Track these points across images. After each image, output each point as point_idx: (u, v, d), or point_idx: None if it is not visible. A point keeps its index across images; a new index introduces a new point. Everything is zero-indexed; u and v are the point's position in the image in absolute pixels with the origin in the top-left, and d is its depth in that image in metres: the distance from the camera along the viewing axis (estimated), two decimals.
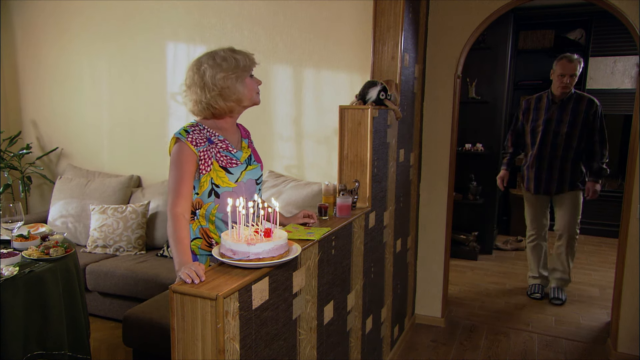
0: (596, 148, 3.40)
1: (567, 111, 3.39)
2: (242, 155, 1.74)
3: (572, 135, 3.39)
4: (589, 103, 3.38)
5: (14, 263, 2.06)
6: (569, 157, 3.43)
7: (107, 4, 3.69)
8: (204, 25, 3.43)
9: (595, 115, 3.37)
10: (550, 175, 3.49)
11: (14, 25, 4.01)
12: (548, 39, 5.47)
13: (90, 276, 3.15)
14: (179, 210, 1.55)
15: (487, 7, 2.84)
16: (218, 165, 1.66)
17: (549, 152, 3.47)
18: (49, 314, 2.06)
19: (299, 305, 1.64)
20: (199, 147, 1.64)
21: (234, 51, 1.70)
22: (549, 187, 3.51)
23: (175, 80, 3.60)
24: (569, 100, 3.41)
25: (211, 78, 1.65)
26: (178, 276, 1.37)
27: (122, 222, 3.39)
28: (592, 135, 3.39)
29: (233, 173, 1.69)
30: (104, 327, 3.15)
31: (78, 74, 3.90)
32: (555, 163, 3.46)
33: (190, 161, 1.62)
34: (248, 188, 1.75)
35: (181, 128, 1.67)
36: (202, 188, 1.67)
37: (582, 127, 3.37)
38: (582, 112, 3.36)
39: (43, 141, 4.13)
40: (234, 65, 1.66)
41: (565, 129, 3.39)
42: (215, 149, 1.67)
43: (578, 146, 3.41)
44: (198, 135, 1.66)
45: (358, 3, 2.99)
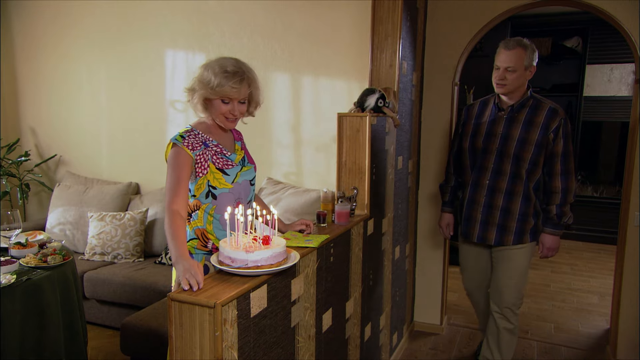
0: (556, 182, 2.29)
1: (518, 123, 2.30)
2: (236, 157, 1.78)
3: (522, 158, 2.28)
4: (550, 114, 2.27)
5: (12, 271, 2.06)
6: (517, 191, 2.32)
7: (106, 11, 3.71)
8: (202, 34, 3.44)
9: (559, 131, 2.25)
10: (488, 217, 2.39)
11: (13, 32, 4.02)
12: (545, 47, 5.51)
13: (88, 284, 3.13)
14: (175, 208, 1.58)
15: (484, 16, 2.86)
16: (215, 167, 1.70)
17: (489, 181, 2.37)
18: (47, 322, 2.05)
19: (297, 313, 1.64)
20: (195, 150, 1.67)
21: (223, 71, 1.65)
22: (486, 235, 2.41)
23: (174, 87, 3.61)
24: (521, 107, 2.31)
25: (194, 78, 1.70)
26: (177, 278, 1.38)
27: (120, 230, 3.38)
28: (553, 162, 2.28)
29: (229, 174, 1.73)
30: (102, 335, 3.13)
31: (77, 81, 3.91)
32: (497, 199, 2.36)
33: (187, 164, 1.65)
34: (243, 189, 1.79)
35: (177, 134, 1.70)
36: (199, 190, 1.71)
37: (538, 147, 2.27)
38: (540, 126, 2.26)
39: (41, 148, 4.13)
40: (206, 80, 1.65)
41: (514, 149, 2.29)
42: (210, 151, 1.71)
43: (531, 176, 2.32)
44: (194, 139, 1.69)
45: (355, 11, 3.01)
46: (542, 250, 2.39)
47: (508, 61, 2.23)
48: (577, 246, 5.41)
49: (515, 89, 2.29)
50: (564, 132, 2.26)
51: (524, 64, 2.23)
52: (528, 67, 2.26)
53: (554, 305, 3.79)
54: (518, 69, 2.23)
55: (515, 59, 2.22)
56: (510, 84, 2.26)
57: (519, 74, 2.24)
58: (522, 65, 2.23)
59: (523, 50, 2.23)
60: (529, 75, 2.27)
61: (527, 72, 2.26)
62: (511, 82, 2.26)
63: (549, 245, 2.36)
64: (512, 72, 2.24)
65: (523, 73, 2.25)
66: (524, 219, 2.36)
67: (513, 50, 2.23)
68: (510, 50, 2.23)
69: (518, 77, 2.25)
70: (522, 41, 2.24)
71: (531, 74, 2.27)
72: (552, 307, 3.76)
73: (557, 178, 2.28)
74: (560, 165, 2.27)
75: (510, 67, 2.23)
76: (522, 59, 2.23)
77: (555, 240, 2.36)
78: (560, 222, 2.33)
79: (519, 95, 2.32)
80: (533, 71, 2.26)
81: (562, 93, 5.63)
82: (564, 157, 2.27)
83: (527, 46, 2.24)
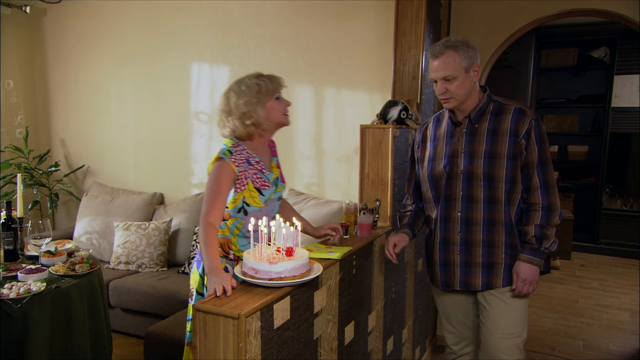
0: (534, 198, 1.82)
1: (481, 136, 1.85)
2: (272, 177, 1.83)
3: (494, 178, 1.82)
4: (516, 116, 1.82)
5: (42, 279, 2.11)
6: (496, 219, 1.84)
7: (134, 25, 3.82)
8: (227, 46, 3.51)
9: (530, 135, 1.80)
10: (468, 257, 1.89)
11: (46, 47, 4.17)
12: (571, 57, 5.43)
13: (113, 292, 3.19)
14: (211, 219, 1.63)
15: (508, 27, 2.84)
16: (253, 186, 1.75)
17: (462, 213, 1.88)
18: (74, 329, 2.09)
19: (319, 325, 1.63)
20: (239, 167, 1.73)
21: (258, 77, 1.78)
22: (469, 279, 1.90)
23: (199, 99, 3.68)
24: (480, 116, 1.85)
25: (235, 104, 1.75)
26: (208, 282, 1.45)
27: (144, 239, 3.43)
28: (529, 174, 1.82)
29: (264, 195, 1.78)
30: (126, 343, 3.17)
31: (105, 94, 4.02)
32: (474, 233, 1.87)
33: (229, 179, 1.71)
34: (272, 207, 1.85)
35: (225, 148, 1.74)
36: (233, 204, 1.76)
37: (512, 160, 1.81)
38: (507, 134, 1.81)
39: (70, 159, 4.24)
40: (255, 90, 1.74)
41: (482, 168, 1.82)
42: (252, 170, 1.76)
43: (512, 196, 1.83)
44: (239, 155, 1.74)
45: (378, 24, 3.02)
46: (517, 283, 1.82)
47: (441, 70, 1.79)
48: (606, 261, 5.25)
49: (464, 99, 1.83)
50: (537, 135, 1.80)
51: (462, 66, 1.77)
52: (469, 68, 1.79)
53: (582, 322, 3.68)
54: (457, 74, 1.77)
55: (447, 65, 1.77)
56: (456, 95, 1.80)
57: (461, 80, 1.79)
58: (459, 69, 1.77)
59: (454, 52, 1.77)
60: (474, 76, 1.82)
61: (471, 74, 1.80)
62: (456, 93, 1.80)
63: (525, 276, 1.80)
64: (451, 81, 1.78)
65: (465, 77, 1.79)
66: (513, 252, 1.85)
67: (442, 57, 1.78)
68: (439, 57, 1.79)
69: (461, 84, 1.79)
70: (449, 41, 1.81)
71: (477, 73, 1.82)
72: (581, 324, 3.65)
73: (535, 193, 1.82)
74: (538, 176, 1.81)
75: (446, 76, 1.78)
76: (457, 62, 1.77)
77: (532, 271, 1.81)
78: (540, 248, 1.80)
79: (473, 102, 1.85)
80: (479, 70, 1.83)
81: (589, 104, 5.52)
82: (540, 166, 1.81)
83: (458, 45, 1.79)
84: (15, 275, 2.14)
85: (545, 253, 1.82)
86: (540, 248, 1.81)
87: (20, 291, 1.94)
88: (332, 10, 3.17)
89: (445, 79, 1.79)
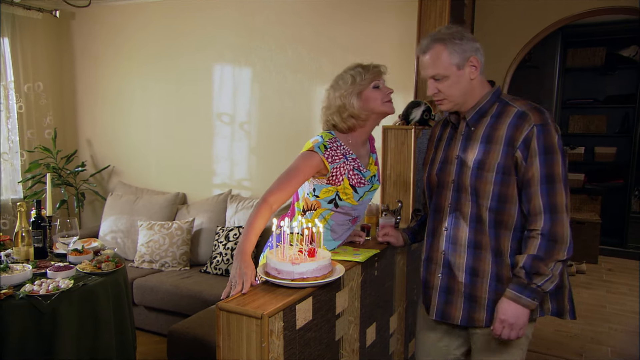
0: (535, 224, 1.46)
1: (476, 141, 1.56)
2: (369, 175, 1.79)
3: (479, 193, 1.53)
4: (515, 120, 1.50)
5: (70, 276, 2.16)
6: (481, 243, 1.54)
7: (157, 27, 3.88)
8: (249, 48, 3.54)
9: (530, 145, 1.46)
10: (450, 283, 1.60)
11: (74, 50, 4.27)
12: (599, 57, 5.29)
13: (137, 290, 3.24)
14: (272, 199, 1.60)
15: (534, 26, 2.79)
16: (348, 183, 1.72)
17: (448, 229, 1.61)
18: (100, 327, 2.13)
19: (341, 327, 1.63)
20: (333, 163, 1.70)
21: (354, 68, 1.76)
22: (448, 309, 1.61)
23: (221, 100, 3.72)
24: (480, 118, 1.58)
25: (332, 98, 1.75)
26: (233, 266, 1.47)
27: (168, 238, 3.49)
28: (529, 194, 1.47)
29: (359, 193, 1.75)
30: (149, 341, 3.22)
31: (129, 95, 4.10)
32: (459, 255, 1.58)
33: (311, 172, 1.68)
34: (363, 208, 1.83)
35: (321, 142, 1.70)
36: (325, 194, 1.74)
37: (501, 173, 1.49)
38: (501, 141, 1.50)
39: (96, 159, 4.34)
40: (350, 82, 1.73)
41: (469, 179, 1.54)
42: (349, 166, 1.73)
43: (498, 217, 1.52)
44: (335, 152, 1.71)
45: (400, 24, 3.00)
46: (495, 323, 1.48)
47: (428, 68, 1.55)
48: (634, 265, 5.09)
49: (461, 99, 1.56)
50: (541, 145, 1.44)
51: (452, 62, 1.51)
52: (462, 64, 1.52)
53: (610, 328, 3.58)
54: (447, 72, 1.52)
55: (435, 62, 1.53)
56: (449, 96, 1.55)
57: (454, 79, 1.53)
58: (449, 66, 1.52)
59: (442, 46, 1.51)
60: (472, 72, 1.54)
61: (466, 71, 1.53)
62: (449, 93, 1.55)
63: (505, 316, 1.45)
64: (442, 81, 1.54)
65: (459, 75, 1.53)
66: (500, 286, 1.51)
67: (429, 52, 1.54)
68: (426, 53, 1.55)
69: (454, 84, 1.53)
70: (437, 35, 1.55)
71: (476, 69, 1.54)
72: (609, 330, 3.55)
73: (536, 218, 1.45)
74: (541, 197, 1.44)
75: (435, 74, 1.54)
76: (446, 58, 1.51)
77: (516, 312, 1.44)
78: (531, 284, 1.43)
79: (472, 102, 1.58)
80: (477, 64, 1.54)
81: (617, 104, 5.38)
82: (546, 184, 1.44)
83: (446, 38, 1.52)
84: (44, 272, 2.19)
85: (538, 292, 1.43)
86: (530, 284, 1.43)
87: (50, 288, 1.99)
88: (353, 11, 3.17)
89: (435, 78, 1.55)
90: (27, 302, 1.92)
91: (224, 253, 3.34)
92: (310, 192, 1.76)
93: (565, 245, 1.44)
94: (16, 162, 3.87)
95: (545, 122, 1.46)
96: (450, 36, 1.52)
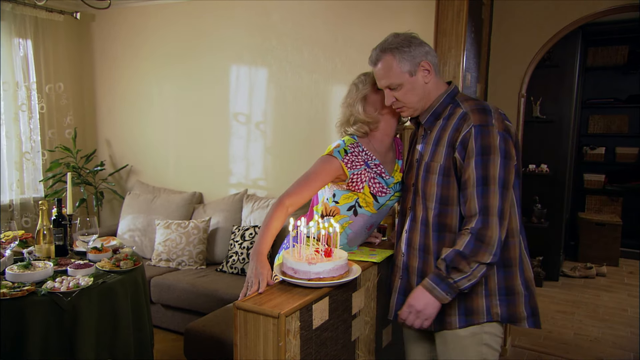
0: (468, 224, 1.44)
1: (429, 145, 1.56)
2: (392, 182, 1.72)
3: (427, 195, 1.55)
4: (457, 122, 1.49)
5: (90, 274, 2.20)
6: (429, 248, 1.55)
7: (175, 28, 3.92)
8: (265, 48, 3.55)
9: (467, 146, 1.44)
10: (406, 286, 1.62)
11: (94, 52, 4.34)
12: (621, 55, 5.19)
13: (154, 289, 3.28)
14: (288, 202, 1.60)
15: (554, 24, 2.75)
16: (369, 191, 1.68)
17: (407, 234, 1.62)
18: (118, 324, 2.17)
19: (357, 327, 1.62)
20: (353, 169, 1.65)
21: (358, 77, 1.74)
22: None
23: (237, 101, 3.75)
24: (434, 120, 1.57)
25: (342, 112, 1.74)
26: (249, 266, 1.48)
27: (184, 237, 3.52)
28: (464, 196, 1.46)
29: (379, 202, 1.70)
30: (166, 338, 3.26)
31: (147, 96, 4.15)
32: (412, 259, 1.60)
33: (329, 177, 1.65)
34: (383, 215, 1.78)
35: (342, 146, 1.67)
36: (345, 200, 1.71)
37: (442, 175, 1.50)
38: (446, 142, 1.50)
39: (115, 159, 4.40)
40: (354, 91, 1.71)
41: (421, 181, 1.57)
42: (370, 173, 1.67)
43: (442, 221, 1.51)
44: (356, 157, 1.67)
45: (416, 24, 2.98)
46: (403, 307, 1.48)
47: (383, 79, 1.55)
48: None
49: (419, 104, 1.56)
50: (478, 146, 1.41)
51: (403, 70, 1.51)
52: (413, 70, 1.52)
53: (632, 332, 3.51)
54: (399, 81, 1.52)
55: (387, 72, 1.53)
56: (407, 103, 1.55)
57: (409, 86, 1.53)
58: (400, 74, 1.52)
59: (390, 57, 1.52)
60: (425, 77, 1.53)
61: (419, 77, 1.53)
62: (406, 100, 1.55)
63: (414, 301, 1.45)
64: (397, 89, 1.54)
65: (412, 81, 1.52)
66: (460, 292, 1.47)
67: (380, 63, 1.55)
68: (377, 64, 1.56)
69: (410, 90, 1.53)
70: (384, 45, 1.55)
71: (429, 73, 1.53)
72: (631, 335, 3.48)
73: (471, 220, 1.42)
74: (477, 199, 1.41)
75: (390, 84, 1.54)
76: (396, 67, 1.51)
77: (425, 300, 1.42)
78: (448, 278, 1.41)
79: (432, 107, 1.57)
80: (430, 67, 1.53)
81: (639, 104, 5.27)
82: (480, 186, 1.40)
83: (394, 47, 1.52)
84: (65, 269, 2.23)
85: (453, 288, 1.40)
86: (448, 278, 1.40)
87: (70, 285, 2.03)
88: (369, 11, 3.16)
89: (390, 87, 1.55)
90: (49, 298, 1.96)
91: (240, 252, 3.36)
92: (330, 198, 1.73)
93: (492, 249, 1.40)
94: (38, 161, 3.95)
95: (485, 122, 1.43)
96: (398, 44, 1.52)
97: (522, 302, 1.50)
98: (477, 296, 1.49)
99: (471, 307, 1.49)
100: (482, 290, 1.49)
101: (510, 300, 1.50)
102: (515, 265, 1.50)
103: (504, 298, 1.50)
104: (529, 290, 1.53)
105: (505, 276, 1.49)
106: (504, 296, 1.49)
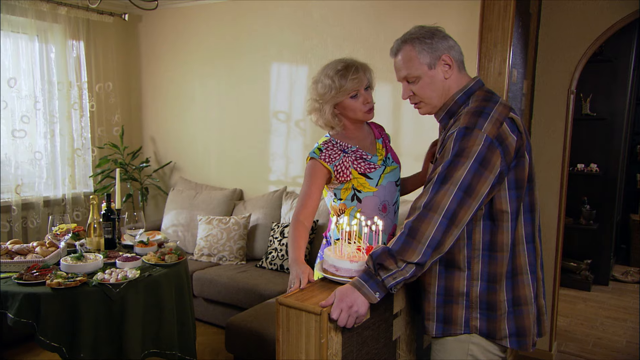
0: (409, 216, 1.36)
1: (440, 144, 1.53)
2: (378, 159, 1.78)
3: None
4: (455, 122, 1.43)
5: (137, 267, 2.28)
6: None
7: (217, 27, 4.00)
8: (306, 46, 3.57)
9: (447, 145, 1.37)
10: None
11: (140, 51, 4.49)
12: None
13: (196, 283, 3.37)
14: (301, 218, 1.68)
15: (607, 18, 2.62)
16: (357, 173, 1.73)
17: None
18: (163, 316, 2.23)
19: (398, 326, 1.61)
20: (333, 162, 1.72)
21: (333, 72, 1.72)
22: None
23: (278, 99, 3.78)
24: (450, 120, 1.51)
25: (310, 99, 1.79)
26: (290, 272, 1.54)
27: (225, 233, 3.59)
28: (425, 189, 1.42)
29: (372, 178, 1.74)
30: (208, 332, 3.34)
31: (190, 94, 4.26)
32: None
33: (320, 177, 1.72)
34: (389, 191, 1.78)
35: (315, 147, 1.77)
36: (345, 193, 1.75)
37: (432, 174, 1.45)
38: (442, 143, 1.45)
39: (159, 155, 4.54)
40: (327, 90, 1.72)
41: None
42: (350, 158, 1.74)
43: None
44: (331, 151, 1.74)
45: (460, 20, 2.92)
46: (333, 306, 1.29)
47: (400, 69, 1.50)
48: None
49: (437, 101, 1.49)
50: (455, 148, 1.32)
51: (422, 62, 1.45)
52: (433, 63, 1.45)
53: None
54: (418, 73, 1.46)
55: (405, 63, 1.48)
56: (425, 98, 1.48)
57: (427, 79, 1.46)
58: (420, 65, 1.46)
59: (410, 46, 1.46)
60: (447, 72, 1.46)
61: (438, 71, 1.46)
62: (423, 95, 1.48)
63: (341, 295, 1.29)
64: (415, 82, 1.48)
65: (431, 75, 1.46)
66: (444, 299, 1.43)
67: (399, 54, 1.49)
68: (397, 54, 1.51)
69: (428, 85, 1.46)
70: (406, 35, 1.50)
71: (450, 68, 1.46)
72: None
73: (411, 214, 1.35)
74: (427, 194, 1.32)
75: (406, 76, 1.48)
76: (415, 58, 1.46)
77: (353, 296, 1.29)
78: (376, 276, 1.30)
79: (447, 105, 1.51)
80: (451, 62, 1.46)
81: None
82: (438, 183, 1.31)
83: (415, 37, 1.47)
84: (114, 262, 2.33)
85: (381, 286, 1.30)
86: (376, 276, 1.30)
87: (119, 277, 2.11)
88: (412, 8, 3.11)
89: (407, 80, 1.49)
90: (99, 289, 2.05)
91: (279, 249, 3.40)
92: (333, 199, 1.78)
93: (421, 247, 1.27)
94: (88, 157, 4.12)
95: (471, 125, 1.33)
96: (420, 35, 1.46)
97: (504, 320, 1.39)
98: (457, 306, 1.41)
99: (449, 316, 1.42)
100: (463, 301, 1.41)
101: (491, 315, 1.40)
102: (500, 280, 1.38)
103: (485, 312, 1.40)
104: (520, 308, 1.40)
105: (488, 291, 1.39)
106: (484, 310, 1.40)
